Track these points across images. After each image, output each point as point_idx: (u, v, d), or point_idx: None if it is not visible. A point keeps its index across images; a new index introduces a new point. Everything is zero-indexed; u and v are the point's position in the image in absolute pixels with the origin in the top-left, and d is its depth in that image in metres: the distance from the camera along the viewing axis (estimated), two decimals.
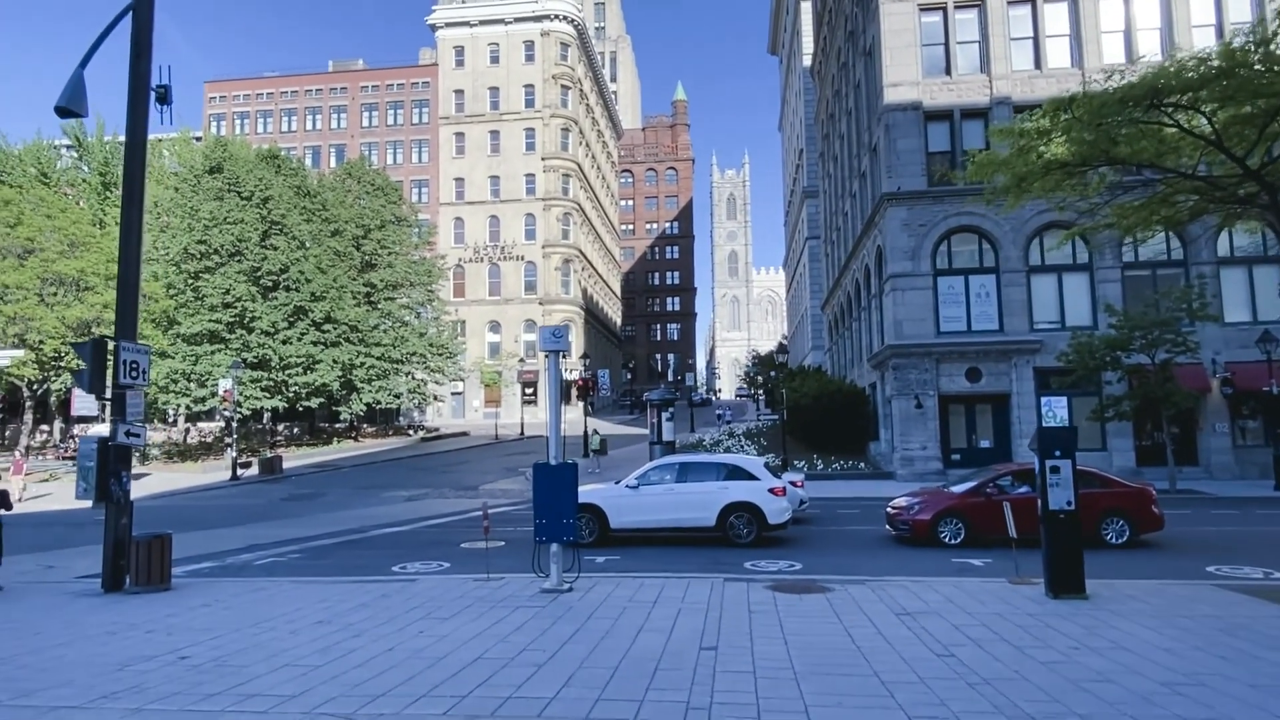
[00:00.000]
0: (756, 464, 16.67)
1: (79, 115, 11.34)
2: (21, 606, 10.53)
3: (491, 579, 11.76)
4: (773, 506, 15.61)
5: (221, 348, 42.63)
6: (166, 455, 45.14)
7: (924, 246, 30.60)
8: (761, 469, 16.37)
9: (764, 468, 16.55)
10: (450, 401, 69.51)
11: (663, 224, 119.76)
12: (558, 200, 71.44)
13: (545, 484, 10.73)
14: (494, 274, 71.81)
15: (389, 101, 76.74)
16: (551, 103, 72.23)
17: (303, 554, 16.09)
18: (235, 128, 77.42)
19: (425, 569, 13.77)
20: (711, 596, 10.22)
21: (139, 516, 24.68)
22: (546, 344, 11.01)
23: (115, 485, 11.81)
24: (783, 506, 15.78)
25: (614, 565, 13.66)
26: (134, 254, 12.30)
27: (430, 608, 9.80)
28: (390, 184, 56.14)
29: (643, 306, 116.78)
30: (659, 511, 15.88)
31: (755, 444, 37.53)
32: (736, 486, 15.78)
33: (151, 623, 9.28)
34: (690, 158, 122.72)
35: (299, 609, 9.89)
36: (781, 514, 15.72)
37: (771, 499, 15.64)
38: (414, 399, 54.50)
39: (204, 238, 43.79)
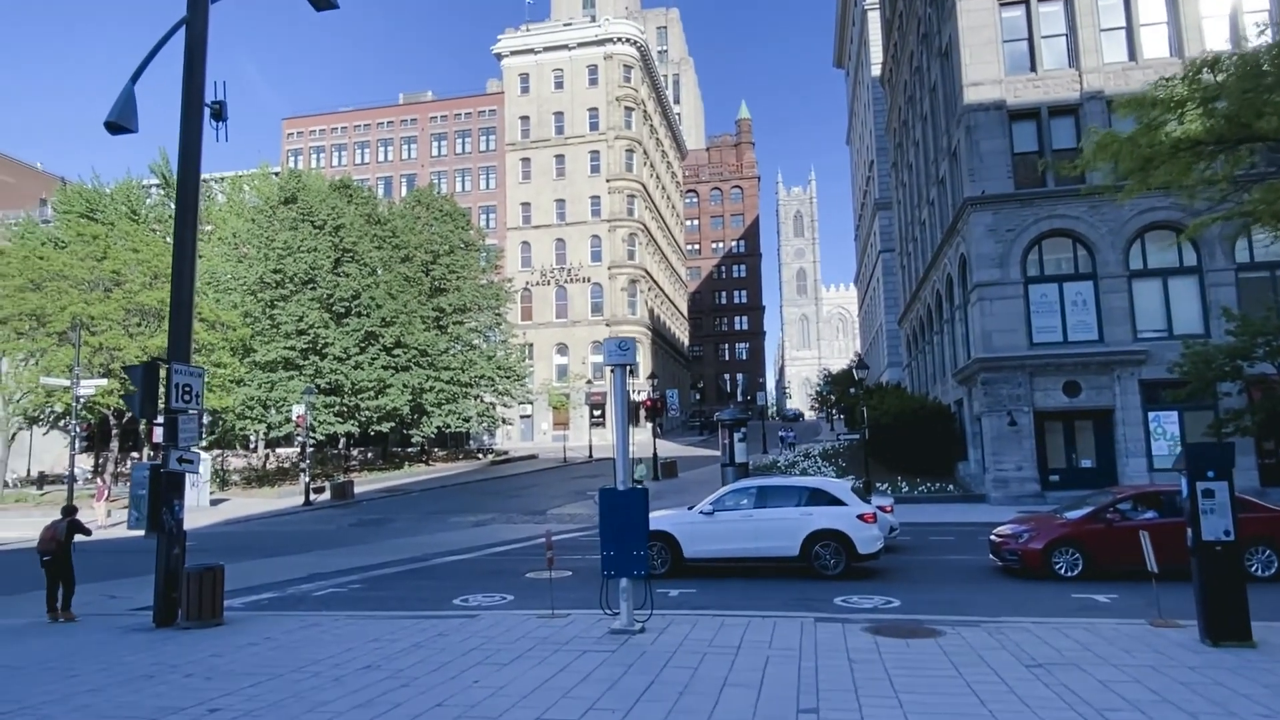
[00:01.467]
0: (842, 487, 15.30)
1: (129, 130, 11.02)
2: (72, 642, 10.04)
3: (556, 615, 10.78)
4: (863, 534, 14.22)
5: (295, 374, 43.24)
6: (245, 480, 45.97)
7: (1012, 253, 28.69)
8: (848, 493, 15.01)
9: (850, 491, 15.18)
10: (519, 424, 69.47)
11: (729, 243, 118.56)
12: (623, 221, 71.13)
13: (613, 511, 9.72)
14: (561, 296, 71.77)
15: (457, 130, 78.02)
16: (615, 125, 72.20)
17: (364, 584, 15.44)
18: (311, 162, 79.86)
19: (487, 602, 12.90)
20: (803, 641, 8.99)
21: (214, 541, 24.88)
22: (612, 358, 10.05)
23: (167, 514, 11.32)
24: (874, 534, 14.38)
25: (689, 600, 12.52)
26: (187, 272, 11.90)
27: (489, 650, 8.86)
28: (458, 210, 56.67)
29: (710, 326, 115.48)
30: (736, 540, 14.64)
31: (833, 465, 35.81)
32: (821, 513, 14.44)
33: (193, 664, 8.60)
34: (755, 175, 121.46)
35: (348, 650, 9.08)
36: (873, 543, 14.32)
37: (861, 526, 14.25)
38: (483, 422, 54.41)
39: (279, 266, 44.70)
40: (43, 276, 38.75)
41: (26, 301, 36.96)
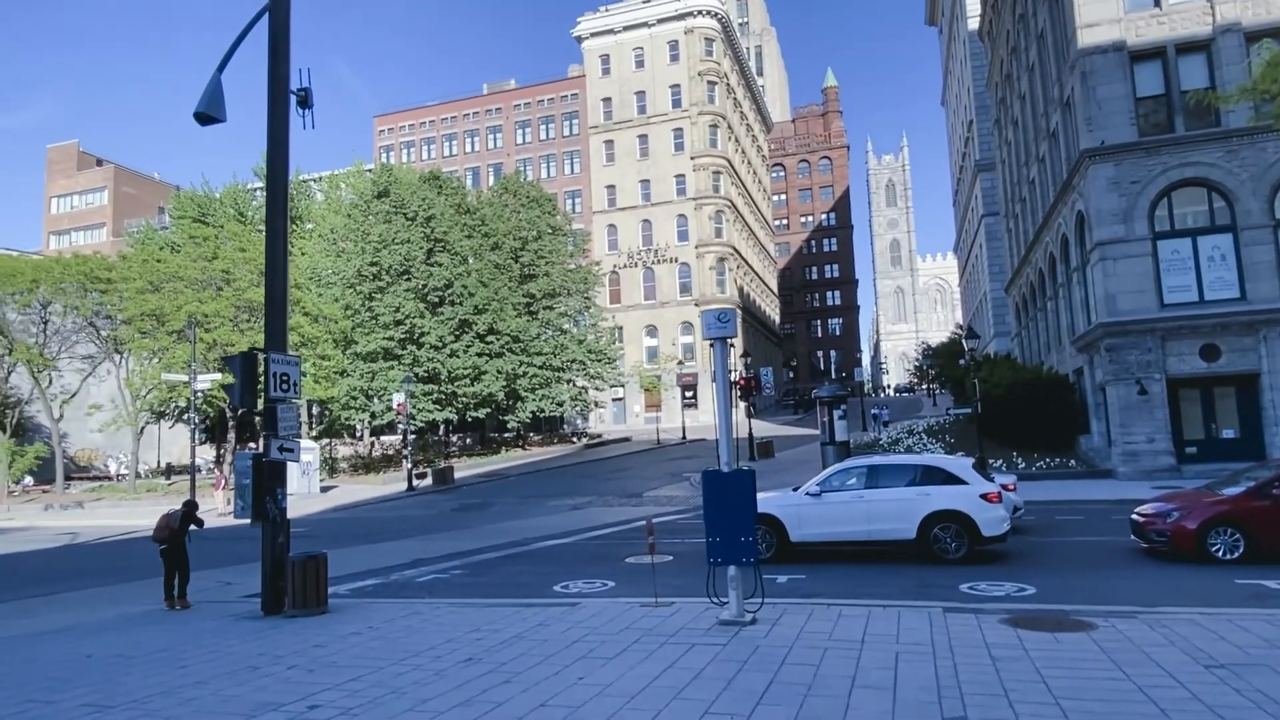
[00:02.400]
0: (962, 465, 14.16)
1: (218, 120, 11.00)
2: (184, 630, 10.17)
3: (660, 604, 10.26)
4: (987, 515, 13.09)
5: (395, 364, 44.34)
6: (353, 468, 47.64)
7: (1138, 206, 26.35)
8: (969, 470, 13.87)
9: (972, 469, 14.04)
10: (611, 407, 69.64)
11: (818, 216, 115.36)
12: (709, 198, 69.93)
13: (717, 495, 9.08)
14: (648, 278, 71.31)
15: (540, 117, 78.35)
16: (698, 100, 70.90)
17: (465, 570, 15.36)
18: (403, 156, 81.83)
19: (588, 588, 12.52)
20: (934, 634, 8.15)
21: (323, 528, 25.61)
22: (711, 330, 9.38)
23: (271, 503, 11.36)
24: (999, 515, 13.24)
25: (800, 588, 11.78)
26: (281, 262, 11.88)
27: (592, 642, 8.40)
28: (544, 195, 56.84)
29: (801, 303, 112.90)
30: (846, 522, 13.73)
31: (939, 442, 34.10)
32: (940, 492, 13.37)
33: (297, 655, 8.48)
34: (844, 145, 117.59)
35: (449, 640, 8.81)
36: (998, 524, 13.19)
37: (985, 506, 13.13)
38: (576, 406, 54.69)
39: (375, 259, 45.84)
40: (160, 278, 40.91)
41: (147, 302, 39.09)
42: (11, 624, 11.66)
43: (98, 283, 42.21)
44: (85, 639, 9.81)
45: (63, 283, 41.61)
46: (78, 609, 13.07)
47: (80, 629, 10.63)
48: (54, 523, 32.18)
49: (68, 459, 54.65)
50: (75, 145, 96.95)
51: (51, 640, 9.87)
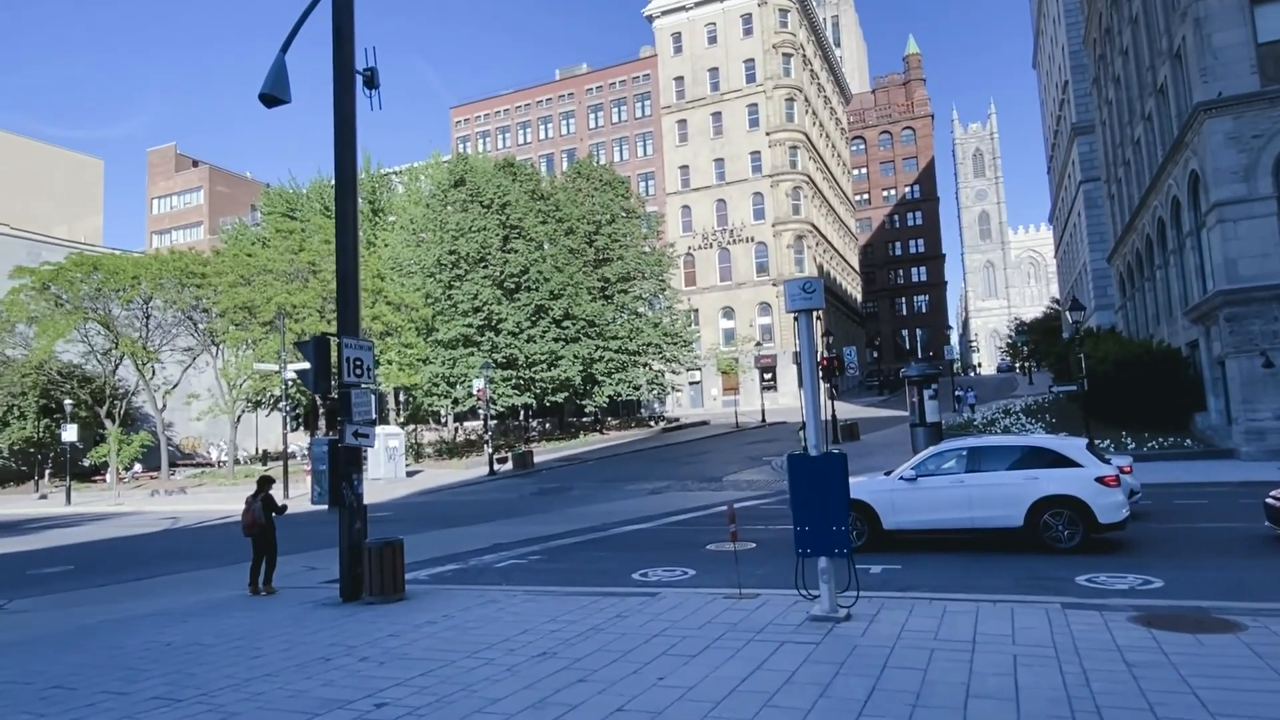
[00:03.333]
0: (1074, 446, 12.95)
1: (283, 101, 10.84)
2: (263, 618, 10.14)
3: (744, 595, 9.65)
4: (1104, 501, 11.93)
5: (474, 350, 44.84)
6: (437, 452, 48.57)
7: (1260, 163, 24.05)
8: (1083, 452, 12.68)
9: (1085, 450, 12.87)
10: (689, 391, 69.03)
11: (901, 189, 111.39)
12: (786, 174, 68.17)
13: (806, 480, 8.39)
14: (724, 259, 70.18)
15: (612, 100, 77.85)
16: (773, 74, 69.06)
17: (543, 555, 15.09)
18: (479, 146, 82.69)
19: (668, 577, 12.01)
20: (1055, 634, 7.29)
21: (408, 511, 25.94)
22: (795, 302, 8.66)
23: (347, 489, 11.24)
24: (1117, 501, 12.07)
25: (896, 579, 10.97)
26: (350, 246, 11.71)
27: (673, 637, 7.87)
28: (617, 178, 56.41)
29: (884, 280, 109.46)
30: (944, 509, 12.74)
31: (1039, 421, 32.23)
32: (1050, 476, 12.26)
33: (370, 646, 8.25)
34: (928, 114, 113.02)
35: (524, 632, 8.43)
36: (1116, 510, 12.02)
37: (1102, 491, 11.97)
38: (653, 390, 54.31)
39: (453, 248, 46.36)
40: (251, 272, 42.36)
41: (239, 295, 40.53)
42: (109, 608, 11.94)
43: (193, 277, 44.03)
44: (169, 626, 9.88)
45: (161, 278, 43.55)
46: (170, 593, 13.36)
47: (168, 615, 10.75)
48: (159, 507, 33.75)
49: (173, 446, 57.59)
50: (173, 148, 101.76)
51: (139, 626, 9.97)
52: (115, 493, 42.15)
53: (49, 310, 43.24)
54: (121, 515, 31.56)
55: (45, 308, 43.36)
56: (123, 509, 34.18)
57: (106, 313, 44.71)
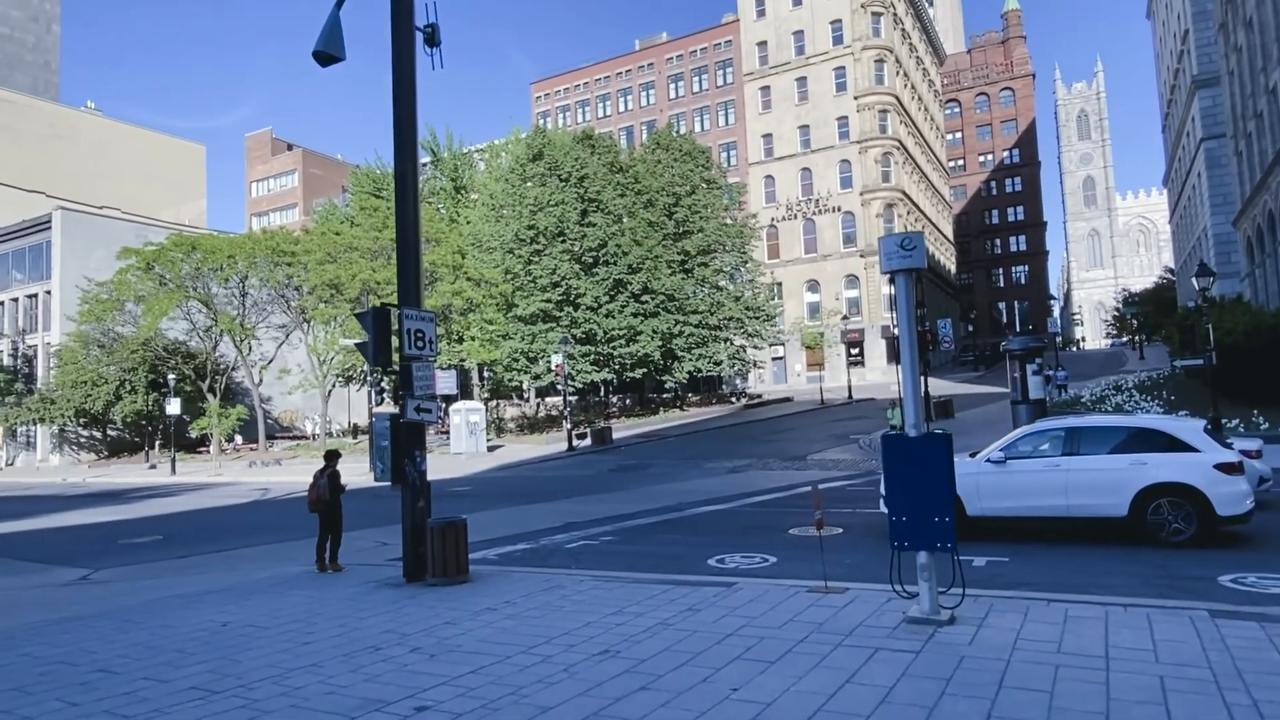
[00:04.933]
0: (1190, 428, 11.43)
1: (337, 59, 10.32)
2: (324, 598, 9.81)
3: (830, 589, 8.71)
4: (1224, 490, 10.48)
5: (553, 325, 44.65)
6: (519, 427, 48.86)
7: None
8: (1200, 435, 11.19)
9: (1202, 433, 11.30)
10: (771, 366, 67.42)
11: (999, 154, 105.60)
12: (875, 140, 65.22)
13: (904, 464, 7.37)
14: (809, 230, 67.92)
15: (693, 68, 76.11)
16: (861, 35, 65.96)
17: (615, 536, 14.45)
18: (558, 121, 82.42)
19: (745, 564, 11.15)
20: (1208, 650, 6.11)
21: (487, 486, 25.82)
22: (892, 260, 7.59)
23: (409, 466, 10.79)
24: (1240, 490, 10.54)
25: (1004, 575, 9.80)
26: (410, 213, 11.17)
27: (749, 638, 7.03)
28: (697, 148, 54.99)
29: (980, 250, 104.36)
30: (1038, 495, 11.49)
31: (1156, 399, 29.68)
32: (1161, 461, 10.88)
33: (424, 634, 7.72)
34: (1029, 74, 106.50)
35: (586, 625, 7.74)
36: (1239, 501, 10.50)
37: (1221, 479, 10.53)
38: (734, 365, 53.10)
39: (531, 222, 46.15)
40: (337, 249, 43.19)
41: (326, 273, 41.38)
42: (182, 582, 11.93)
43: (284, 256, 45.26)
44: (230, 603, 9.65)
45: (255, 257, 44.94)
46: (243, 566, 13.34)
47: (234, 590, 10.58)
48: (253, 478, 34.90)
49: (272, 420, 59.96)
50: (269, 132, 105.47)
51: (202, 603, 9.80)
52: (216, 463, 44.02)
53: (154, 289, 45.28)
54: (218, 486, 32.76)
55: (150, 287, 45.42)
56: (221, 479, 35.53)
57: (206, 291, 46.52)
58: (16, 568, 14.47)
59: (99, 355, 48.52)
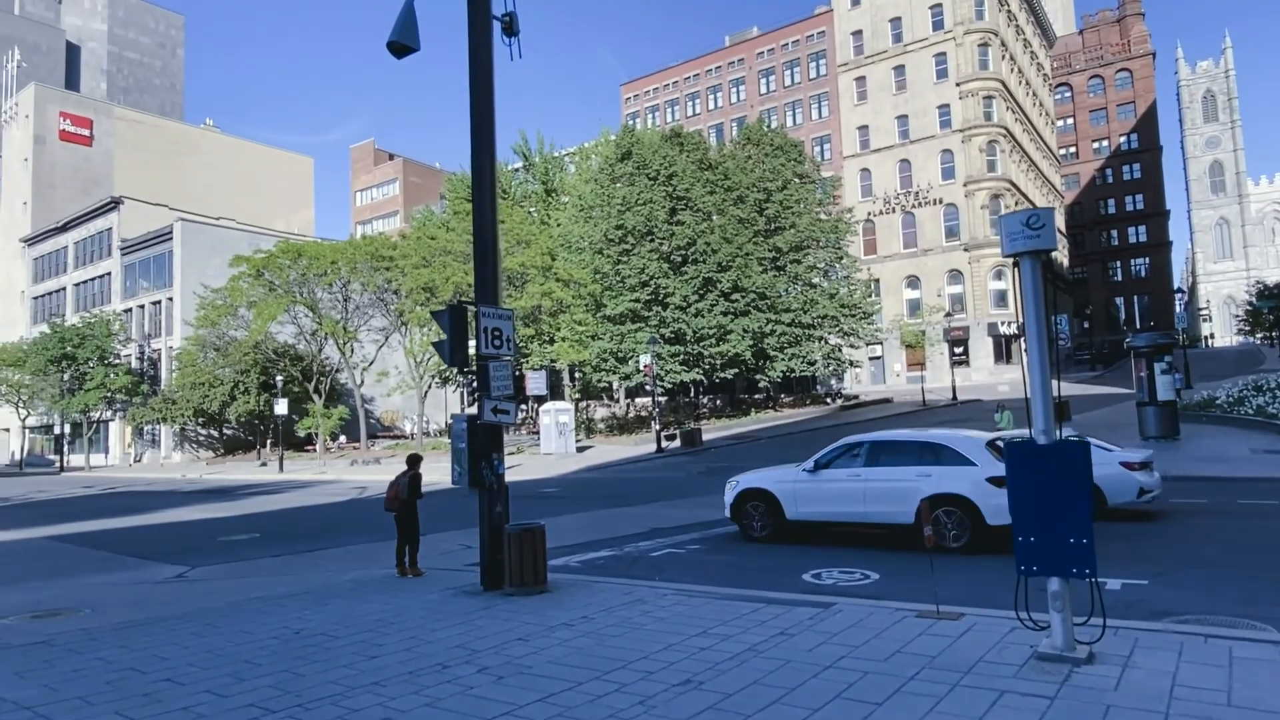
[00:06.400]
0: (971, 444, 12.27)
1: (412, 49, 10.02)
2: (400, 606, 9.51)
3: (943, 614, 7.75)
4: (994, 501, 11.06)
5: (641, 325, 44.24)
6: (608, 428, 48.71)
7: None
8: (980, 450, 11.98)
9: (983, 448, 12.06)
10: (869, 366, 65.09)
11: (1115, 140, 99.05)
12: (979, 128, 62.03)
13: (1032, 476, 6.39)
14: (908, 223, 65.25)
15: (785, 62, 74.46)
16: (964, 18, 62.90)
17: (703, 545, 13.74)
18: (648, 121, 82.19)
19: (845, 580, 10.25)
20: None
21: (575, 489, 25.49)
22: (1016, 242, 6.61)
23: (486, 469, 10.39)
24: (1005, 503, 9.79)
25: (1146, 601, 8.57)
26: (488, 208, 10.78)
27: (850, 672, 6.21)
28: (790, 142, 53.53)
29: (1095, 242, 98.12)
30: (842, 502, 12.66)
31: None
32: (943, 474, 11.86)
33: (494, 652, 7.24)
34: (1148, 52, 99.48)
35: (667, 648, 7.08)
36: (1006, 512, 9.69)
37: (992, 491, 11.21)
38: (830, 365, 51.38)
39: (620, 222, 45.89)
40: (432, 253, 44.10)
41: (421, 276, 42.28)
42: (270, 582, 11.95)
43: (383, 261, 46.56)
44: (308, 609, 9.47)
45: (355, 262, 46.40)
46: (330, 567, 13.33)
47: (313, 594, 10.44)
48: (354, 477, 35.89)
49: (374, 419, 62.01)
50: (371, 144, 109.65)
51: (280, 607, 9.66)
52: (321, 461, 45.66)
53: (264, 294, 47.38)
54: (320, 484, 33.79)
55: (260, 292, 47.55)
56: (324, 477, 36.69)
57: (311, 296, 48.37)
58: (124, 563, 14.96)
59: (215, 358, 51.19)
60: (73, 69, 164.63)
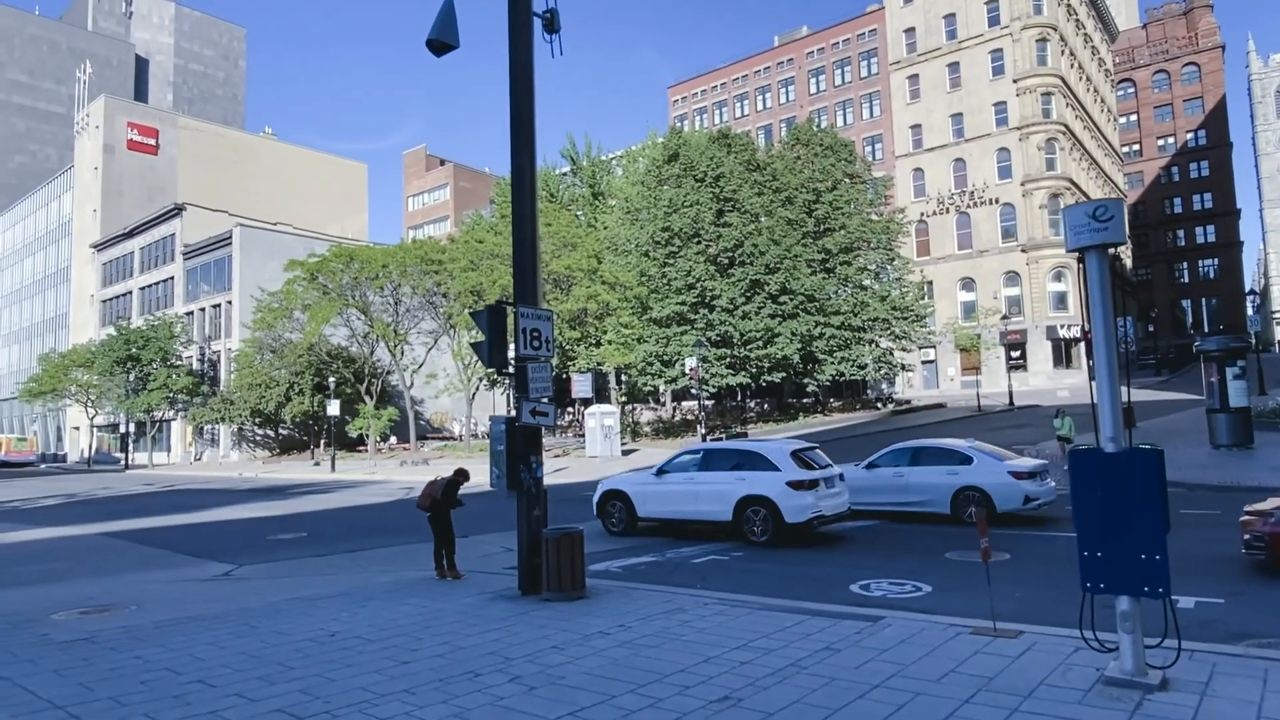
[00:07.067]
0: (778, 452, 14.05)
1: (452, 46, 9.93)
2: (436, 610, 9.39)
3: (1000, 632, 7.31)
4: (791, 503, 13.22)
5: (687, 328, 43.91)
6: (654, 432, 48.46)
7: None
8: (784, 458, 13.73)
9: (788, 456, 13.84)
10: (921, 371, 63.61)
11: (1181, 137, 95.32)
12: (1037, 125, 60.20)
13: (1100, 487, 5.94)
14: (962, 224, 63.63)
15: (835, 61, 73.40)
16: (1021, 13, 61.16)
17: (746, 552, 13.38)
18: (695, 124, 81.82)
19: (895, 592, 9.82)
20: None
21: None
22: (1080, 235, 6.17)
23: (525, 472, 10.23)
24: (804, 503, 13.19)
25: (1221, 622, 8.00)
26: (528, 207, 10.64)
27: (900, 691, 5.84)
28: (840, 141, 52.62)
29: (1159, 243, 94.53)
30: (680, 502, 14.86)
31: None
32: (754, 478, 13.82)
33: (528, 660, 7.04)
34: (1216, 45, 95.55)
35: (706, 661, 6.79)
36: (802, 512, 13.21)
37: (791, 494, 13.23)
38: (881, 369, 50.29)
39: (666, 224, 45.64)
40: (479, 256, 44.43)
41: (469, 280, 42.61)
42: (310, 581, 11.98)
43: (432, 264, 47.08)
44: (345, 610, 9.42)
45: (406, 265, 47.00)
46: (371, 567, 13.34)
47: (351, 595, 10.40)
48: (403, 477, 36.27)
49: (423, 421, 62.81)
50: (423, 149, 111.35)
51: (318, 608, 9.62)
52: (372, 462, 46.34)
53: (318, 298, 48.32)
54: (369, 484, 34.23)
55: (314, 296, 48.51)
56: (374, 477, 37.17)
57: (364, 299, 49.17)
58: (174, 560, 15.21)
59: (271, 359, 52.38)
60: (141, 81, 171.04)
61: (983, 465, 14.93)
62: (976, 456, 15.15)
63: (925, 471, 15.47)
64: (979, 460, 15.05)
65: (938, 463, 15.45)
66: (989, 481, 14.59)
